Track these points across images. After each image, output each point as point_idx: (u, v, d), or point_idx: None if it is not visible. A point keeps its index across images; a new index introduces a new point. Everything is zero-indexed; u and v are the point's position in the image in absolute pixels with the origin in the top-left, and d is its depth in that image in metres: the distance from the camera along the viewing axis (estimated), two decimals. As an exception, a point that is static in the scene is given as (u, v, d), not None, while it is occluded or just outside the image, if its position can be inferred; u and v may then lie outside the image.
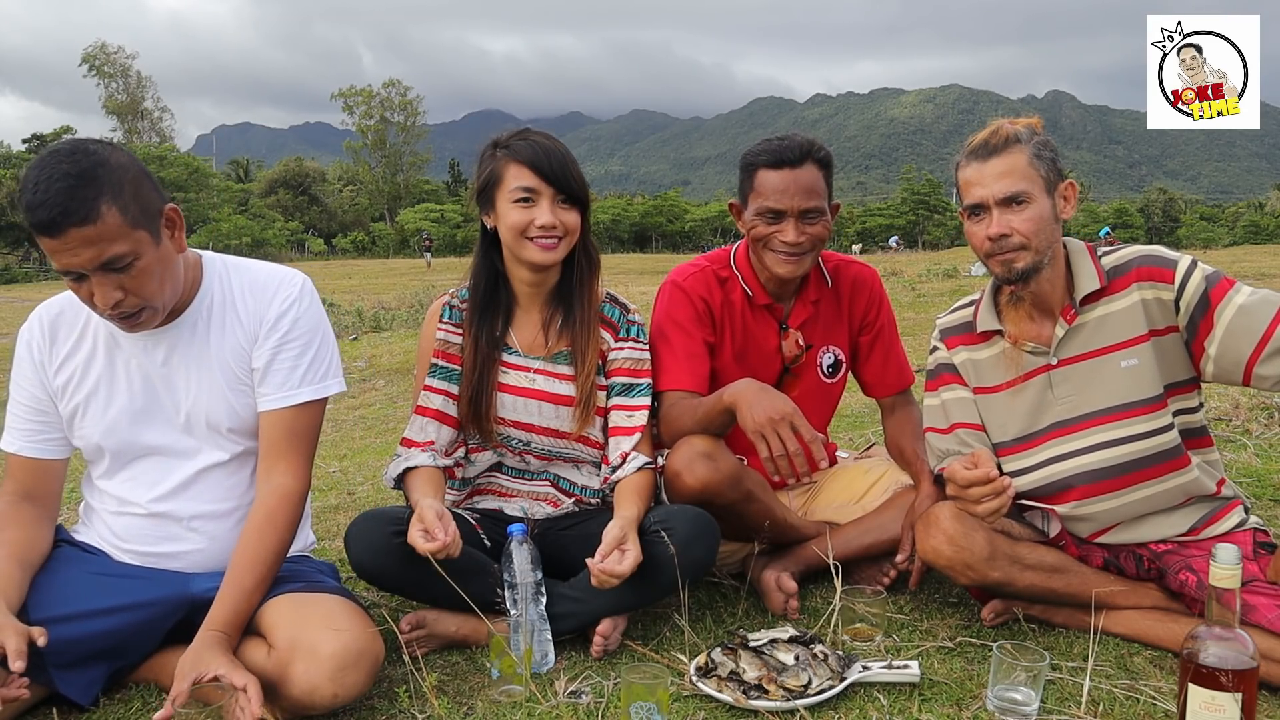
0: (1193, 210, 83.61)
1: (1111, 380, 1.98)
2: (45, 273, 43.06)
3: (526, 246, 2.09)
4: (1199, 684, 1.49)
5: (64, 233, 1.62)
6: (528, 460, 2.28)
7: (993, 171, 1.93)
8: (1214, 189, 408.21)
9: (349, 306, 13.16)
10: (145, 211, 1.71)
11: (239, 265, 2.00)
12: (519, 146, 2.08)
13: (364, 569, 2.04)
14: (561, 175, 2.07)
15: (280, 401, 1.92)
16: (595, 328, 2.21)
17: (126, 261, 1.68)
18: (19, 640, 1.59)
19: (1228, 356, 1.89)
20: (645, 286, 15.85)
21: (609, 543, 1.94)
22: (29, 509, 1.91)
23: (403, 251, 59.38)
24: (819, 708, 1.78)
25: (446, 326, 2.23)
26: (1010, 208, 1.92)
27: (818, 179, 2.26)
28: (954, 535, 1.97)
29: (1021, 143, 1.93)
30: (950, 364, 2.17)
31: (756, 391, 2.03)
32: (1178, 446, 1.99)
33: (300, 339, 1.94)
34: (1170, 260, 1.97)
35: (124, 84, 67.25)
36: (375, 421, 5.59)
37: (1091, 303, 2.00)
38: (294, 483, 1.91)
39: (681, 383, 2.30)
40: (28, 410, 1.95)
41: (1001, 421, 2.08)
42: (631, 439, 2.19)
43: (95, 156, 1.66)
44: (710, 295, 2.39)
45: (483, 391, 2.18)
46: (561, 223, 2.08)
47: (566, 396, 2.20)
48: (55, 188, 1.60)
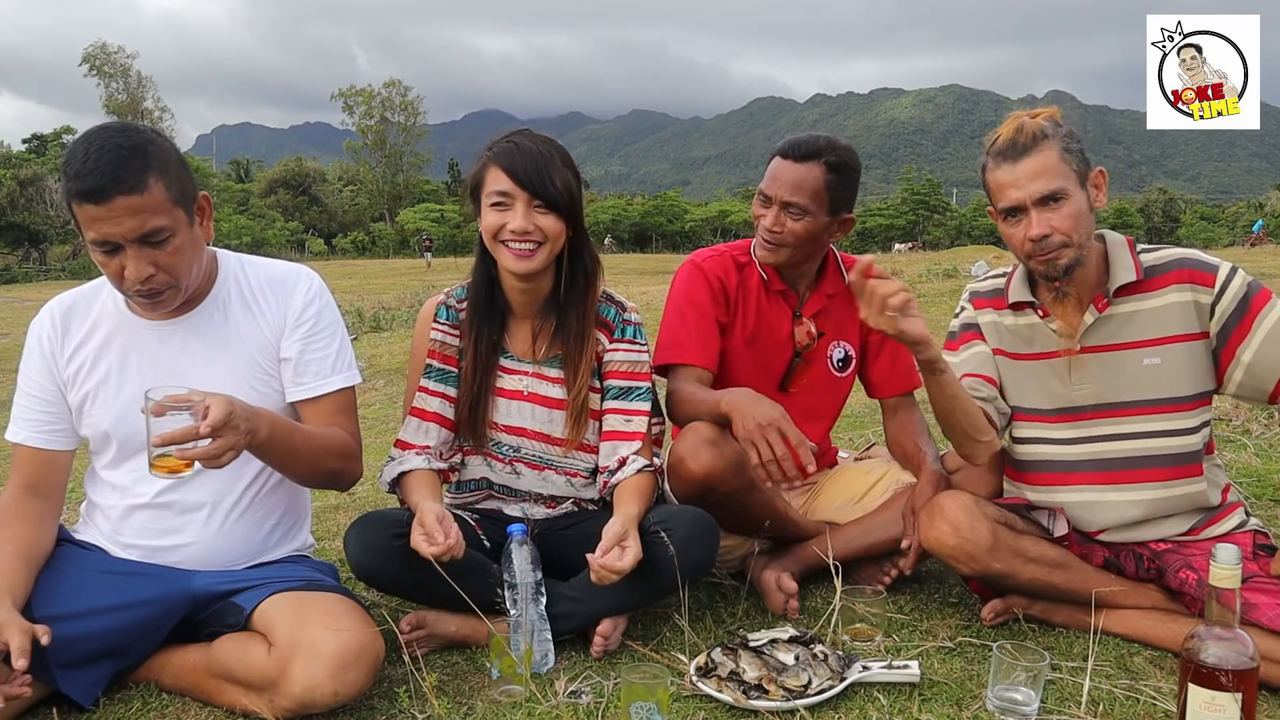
0: (1193, 210, 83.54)
1: (1133, 375, 1.99)
2: (45, 273, 43.07)
3: (501, 251, 2.05)
4: (1199, 684, 1.49)
5: (111, 200, 1.67)
6: (518, 471, 2.24)
7: (1026, 172, 1.90)
8: (1214, 189, 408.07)
9: (349, 306, 13.14)
10: (185, 193, 1.79)
11: (253, 261, 2.06)
12: (501, 149, 2.05)
13: (364, 571, 2.04)
14: (537, 180, 2.00)
15: (320, 389, 1.99)
16: (590, 339, 2.18)
17: (164, 236, 1.74)
18: (23, 638, 1.59)
19: (1263, 364, 1.90)
20: (645, 286, 15.86)
21: (609, 539, 1.94)
22: (34, 504, 1.92)
23: (403, 252, 59.38)
24: (819, 708, 1.78)
25: (442, 327, 2.21)
26: (1048, 206, 1.90)
27: (814, 179, 2.27)
28: (958, 524, 1.97)
29: (1050, 138, 1.91)
30: (975, 323, 2.18)
31: (749, 401, 2.06)
32: (1196, 453, 1.99)
33: (327, 330, 2.02)
34: (1212, 265, 1.97)
35: (124, 84, 67.25)
36: (375, 422, 5.59)
37: (1124, 295, 1.99)
38: (350, 432, 2.01)
39: (692, 358, 2.35)
40: (36, 401, 1.96)
41: (1020, 389, 2.10)
42: (630, 444, 2.17)
43: (145, 135, 1.75)
44: (726, 277, 2.44)
45: (481, 398, 2.18)
46: (538, 228, 2.01)
47: (558, 400, 2.19)
48: (107, 157, 1.67)
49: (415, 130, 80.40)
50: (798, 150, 2.28)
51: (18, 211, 47.92)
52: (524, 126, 2.17)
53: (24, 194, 48.16)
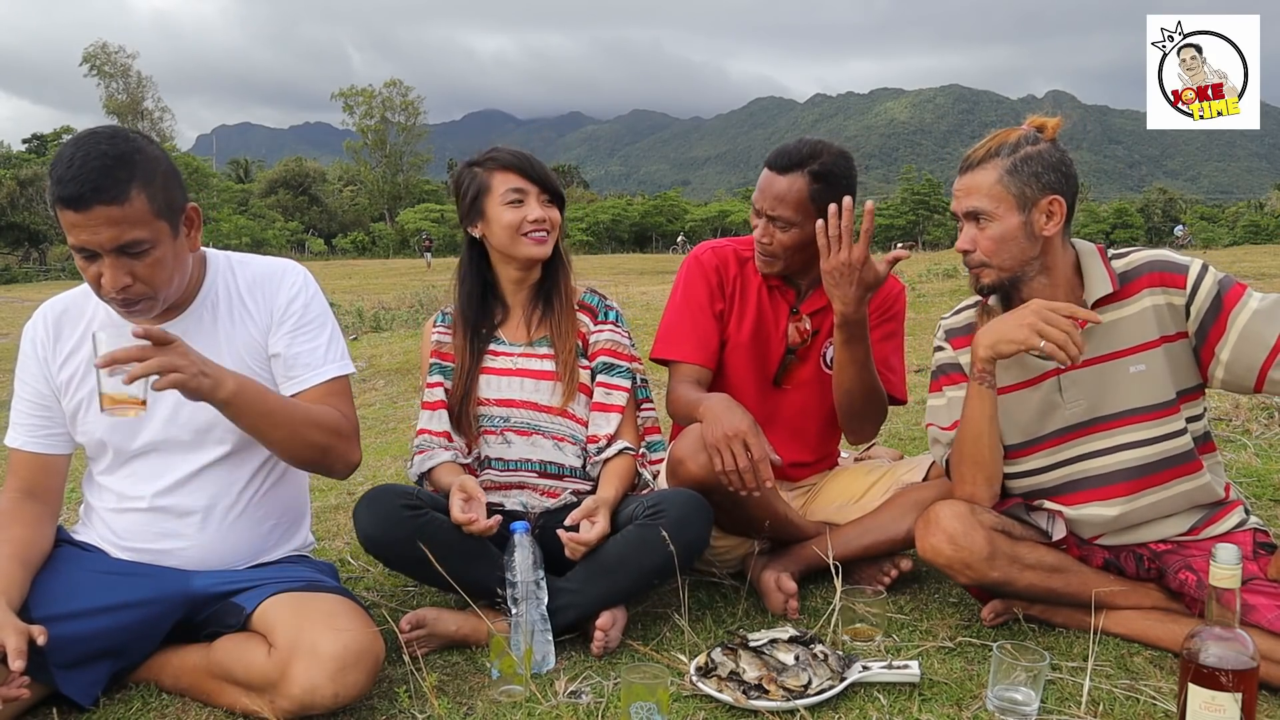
0: (1193, 210, 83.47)
1: (1121, 385, 1.98)
2: (45, 273, 43.08)
3: (521, 243, 2.26)
4: (1199, 684, 1.49)
5: (90, 209, 1.65)
6: (508, 440, 2.31)
7: (963, 185, 1.97)
8: (1214, 189, 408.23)
9: (349, 306, 13.13)
10: (170, 205, 1.77)
11: (241, 260, 2.05)
12: (501, 156, 2.29)
13: (373, 543, 2.05)
14: (544, 176, 2.29)
15: (312, 380, 1.96)
16: (573, 314, 2.37)
17: (143, 248, 1.72)
18: (19, 639, 1.59)
19: (1241, 362, 1.89)
20: (645, 286, 15.87)
21: (580, 513, 2.09)
22: (32, 506, 1.91)
23: (403, 252, 59.37)
24: (819, 708, 1.78)
25: (440, 329, 2.41)
26: (976, 223, 1.95)
27: (796, 191, 2.27)
28: (954, 534, 1.96)
29: (999, 157, 1.92)
30: (956, 363, 2.16)
31: (722, 408, 2.10)
32: (1190, 452, 1.99)
33: (315, 321, 2.00)
34: (1181, 265, 1.96)
35: (124, 84, 67.26)
36: (375, 421, 5.59)
37: (1102, 305, 1.98)
38: (343, 413, 1.97)
39: (688, 355, 2.42)
40: (31, 406, 1.96)
41: (1008, 423, 2.07)
42: (609, 418, 2.30)
43: (133, 143, 1.72)
44: (725, 269, 2.48)
45: (472, 376, 2.33)
46: (548, 217, 2.27)
47: (547, 372, 2.32)
48: (91, 165, 1.65)
49: (415, 130, 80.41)
50: (782, 161, 2.30)
51: (18, 211, 47.97)
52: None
53: (24, 194, 48.21)
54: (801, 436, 2.54)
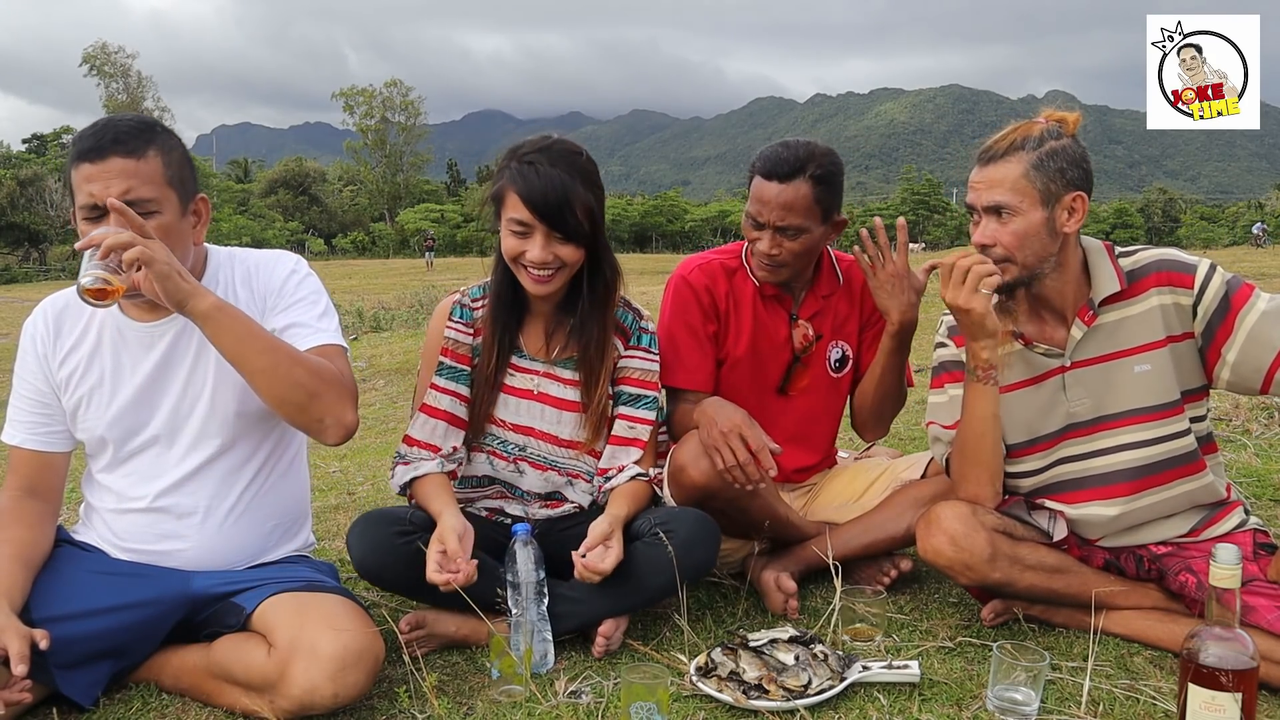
0: (1193, 210, 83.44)
1: (1126, 384, 1.97)
2: (45, 273, 43.06)
3: (520, 273, 2.07)
4: (1199, 684, 1.49)
5: (106, 158, 1.71)
6: (521, 469, 2.24)
7: (985, 178, 1.92)
8: (1214, 189, 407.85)
9: (349, 307, 13.13)
10: (182, 180, 1.82)
11: (239, 254, 2.05)
12: (525, 174, 1.99)
13: (366, 570, 2.04)
14: (557, 213, 1.97)
15: (308, 341, 1.89)
16: (610, 348, 2.19)
17: (149, 209, 1.74)
18: (21, 643, 1.59)
19: (1248, 363, 1.88)
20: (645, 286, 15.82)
21: (594, 537, 1.98)
22: (32, 506, 1.91)
23: (403, 252, 59.33)
24: (819, 708, 1.78)
25: (457, 325, 2.19)
26: (997, 218, 1.91)
27: (803, 197, 2.22)
28: (955, 535, 1.96)
29: (1024, 151, 1.89)
30: (959, 360, 2.15)
31: (714, 407, 2.10)
32: (1194, 452, 1.99)
33: (309, 297, 1.98)
34: (1189, 265, 1.95)
35: (124, 84, 67.23)
36: (375, 421, 5.59)
37: (1109, 304, 1.97)
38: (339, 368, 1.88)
39: (684, 382, 2.37)
40: (31, 403, 1.96)
41: (1011, 421, 2.06)
42: (629, 453, 2.19)
43: (159, 123, 1.84)
44: (715, 286, 2.41)
45: (493, 399, 2.19)
46: (556, 256, 2.02)
47: (569, 402, 2.20)
48: (114, 124, 1.75)
49: (415, 130, 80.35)
50: (781, 169, 2.22)
51: (18, 211, 47.95)
52: (535, 131, 2.17)
53: (24, 194, 48.20)
54: (807, 441, 2.54)
